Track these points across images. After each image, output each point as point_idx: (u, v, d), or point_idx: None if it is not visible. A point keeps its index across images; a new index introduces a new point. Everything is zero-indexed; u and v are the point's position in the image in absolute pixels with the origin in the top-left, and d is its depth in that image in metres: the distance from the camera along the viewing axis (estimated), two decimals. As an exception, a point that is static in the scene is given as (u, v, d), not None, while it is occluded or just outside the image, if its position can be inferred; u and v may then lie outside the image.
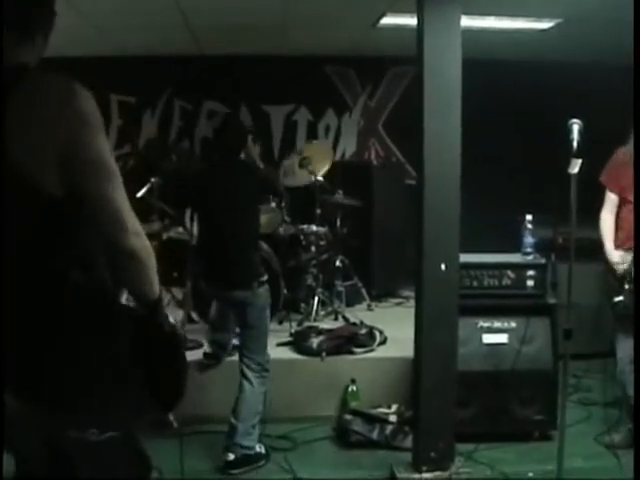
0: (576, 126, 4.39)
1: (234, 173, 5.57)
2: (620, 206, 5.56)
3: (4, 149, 2.26)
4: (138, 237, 2.44)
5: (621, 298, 5.31)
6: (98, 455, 2.47)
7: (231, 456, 5.40)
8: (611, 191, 5.59)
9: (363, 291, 8.61)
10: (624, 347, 5.45)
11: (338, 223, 8.43)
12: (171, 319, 2.64)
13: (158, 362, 2.61)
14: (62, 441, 2.44)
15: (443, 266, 4.88)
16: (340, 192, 8.29)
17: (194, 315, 7.31)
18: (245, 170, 5.65)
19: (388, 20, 7.41)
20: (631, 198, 5.38)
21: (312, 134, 10.15)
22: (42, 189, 2.31)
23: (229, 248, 5.51)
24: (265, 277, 5.55)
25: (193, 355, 6.23)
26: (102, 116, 2.40)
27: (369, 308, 8.51)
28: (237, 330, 5.89)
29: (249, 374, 5.51)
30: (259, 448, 5.57)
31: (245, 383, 5.51)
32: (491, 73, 8.74)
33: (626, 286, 5.27)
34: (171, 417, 3.53)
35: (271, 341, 6.12)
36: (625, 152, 5.51)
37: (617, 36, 7.49)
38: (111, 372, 2.49)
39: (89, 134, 2.36)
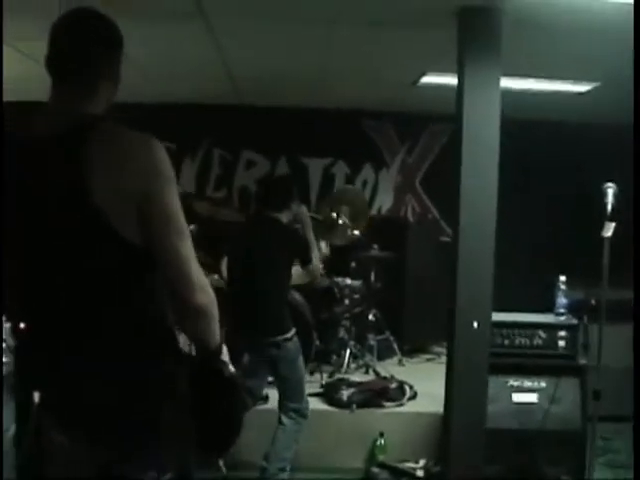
0: (611, 190, 4.44)
1: (270, 232, 5.69)
2: None
3: (87, 197, 2.33)
4: (204, 292, 2.47)
5: None
6: None
7: None
8: None
9: (395, 346, 8.60)
10: None
11: (372, 277, 8.48)
12: (231, 367, 2.66)
13: (217, 406, 2.64)
14: None
15: (475, 324, 4.92)
16: (375, 247, 8.36)
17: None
18: (281, 231, 5.74)
19: (428, 79, 7.50)
20: None
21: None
22: (123, 237, 2.38)
23: (256, 304, 5.63)
24: (292, 332, 5.61)
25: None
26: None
27: (400, 363, 8.49)
28: (270, 378, 5.97)
29: (284, 420, 5.61)
30: None
31: (279, 428, 5.61)
32: (529, 134, 8.84)
33: None
34: (220, 462, 3.57)
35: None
36: None
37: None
38: (172, 414, 2.52)
39: (163, 187, 2.42)
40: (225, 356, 2.65)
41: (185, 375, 2.58)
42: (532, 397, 5.81)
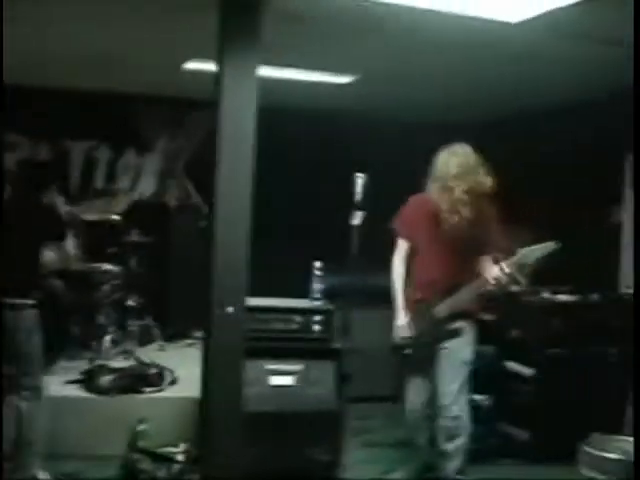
0: (360, 180, 4.59)
1: (26, 213, 5.58)
2: (411, 255, 5.68)
3: None
4: None
5: (409, 351, 5.58)
6: None
7: None
8: (401, 238, 5.69)
9: (156, 331, 8.68)
10: (414, 391, 5.72)
11: (133, 262, 8.45)
12: None
13: None
14: None
15: (230, 309, 4.96)
16: (137, 231, 8.33)
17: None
18: (36, 212, 5.63)
19: (193, 65, 7.54)
20: (421, 247, 5.59)
21: (111, 172, 10.11)
22: None
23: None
24: (34, 301, 5.45)
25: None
26: None
27: (161, 348, 8.56)
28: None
29: (22, 401, 5.45)
30: (43, 475, 5.53)
31: (18, 411, 5.45)
32: (291, 122, 8.99)
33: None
34: None
35: (61, 379, 6.08)
36: (417, 199, 5.63)
37: (410, 92, 7.89)
38: None
39: None
40: None
41: None
42: (289, 380, 5.92)
